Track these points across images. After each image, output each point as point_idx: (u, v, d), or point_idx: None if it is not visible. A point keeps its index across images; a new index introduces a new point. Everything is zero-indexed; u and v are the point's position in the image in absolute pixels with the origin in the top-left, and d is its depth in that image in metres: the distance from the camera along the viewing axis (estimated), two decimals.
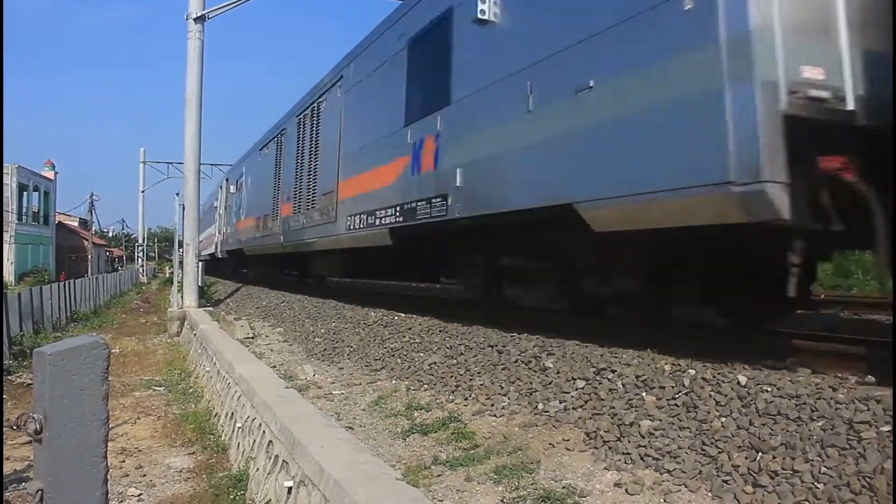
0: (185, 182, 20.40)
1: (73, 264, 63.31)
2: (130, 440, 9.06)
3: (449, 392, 6.43)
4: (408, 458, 4.86)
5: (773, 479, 3.56)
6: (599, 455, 4.39)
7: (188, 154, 19.95)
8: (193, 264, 19.99)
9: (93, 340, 3.54)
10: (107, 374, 3.59)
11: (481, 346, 7.28)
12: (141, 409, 10.89)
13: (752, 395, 4.33)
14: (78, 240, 69.78)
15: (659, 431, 4.37)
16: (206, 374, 11.54)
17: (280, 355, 10.21)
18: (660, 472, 3.98)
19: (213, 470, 7.53)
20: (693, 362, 5.20)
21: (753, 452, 3.81)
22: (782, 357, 5.25)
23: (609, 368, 5.49)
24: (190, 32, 19.34)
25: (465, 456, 4.70)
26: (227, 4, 19.85)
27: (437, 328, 8.87)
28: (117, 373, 13.65)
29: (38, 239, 56.35)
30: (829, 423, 3.81)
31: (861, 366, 4.83)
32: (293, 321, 13.39)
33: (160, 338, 19.97)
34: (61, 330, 20.97)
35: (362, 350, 9.12)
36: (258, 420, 6.74)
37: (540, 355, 6.34)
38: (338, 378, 7.98)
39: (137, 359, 16.18)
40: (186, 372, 13.75)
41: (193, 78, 19.48)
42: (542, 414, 5.25)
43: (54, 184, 61.41)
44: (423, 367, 7.39)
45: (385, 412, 6.23)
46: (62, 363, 3.40)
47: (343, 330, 10.72)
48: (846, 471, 3.40)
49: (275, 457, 5.81)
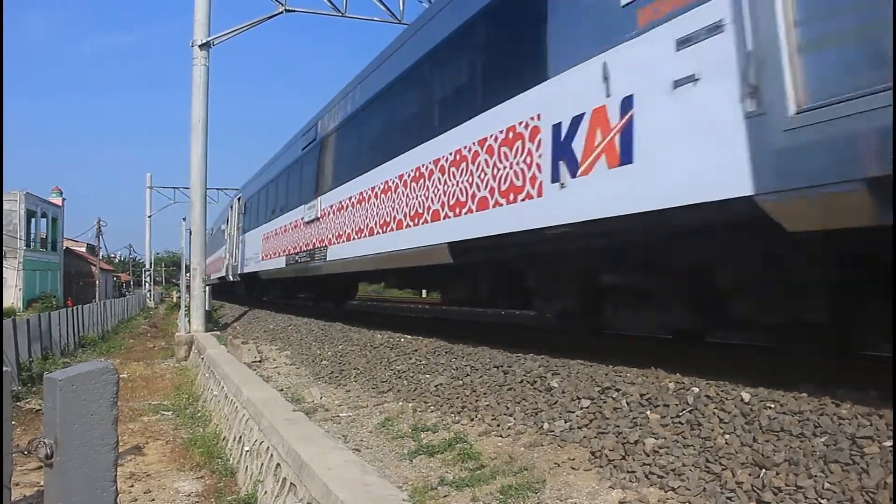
0: (192, 207, 20.57)
1: (81, 290, 63.56)
2: (139, 464, 9.07)
3: (455, 413, 6.45)
4: (414, 479, 4.89)
5: (776, 495, 3.57)
6: (604, 474, 4.40)
7: (194, 179, 20.12)
8: (200, 288, 20.09)
9: (102, 366, 3.61)
10: (116, 399, 3.66)
11: (487, 366, 7.31)
12: (149, 433, 10.91)
13: (756, 412, 4.36)
14: (85, 265, 70.11)
15: (663, 449, 4.39)
16: (214, 398, 11.57)
17: (287, 378, 10.24)
18: (664, 490, 4.00)
19: (221, 494, 7.54)
20: (697, 380, 5.22)
21: (757, 469, 3.83)
22: (786, 373, 5.27)
23: (613, 387, 5.52)
24: (195, 59, 19.58)
25: (471, 476, 4.73)
26: (231, 31, 20.11)
27: (443, 349, 8.90)
28: (126, 397, 13.68)
29: (46, 265, 56.62)
30: (832, 438, 3.83)
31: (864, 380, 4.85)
32: (300, 344, 13.43)
33: (168, 362, 20.01)
34: (70, 355, 21.02)
35: (369, 372, 9.15)
36: (266, 443, 6.77)
37: (545, 375, 6.37)
38: (345, 400, 8.01)
39: (145, 383, 16.21)
40: (194, 396, 13.77)
41: (199, 103, 19.67)
42: (547, 433, 5.27)
43: (62, 210, 61.81)
44: (429, 388, 7.42)
45: (392, 434, 6.26)
46: (72, 388, 3.46)
47: (350, 352, 10.76)
48: (849, 486, 3.42)
49: (282, 479, 5.83)
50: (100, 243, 71.27)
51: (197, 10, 19.57)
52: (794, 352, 6.04)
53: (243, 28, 20.20)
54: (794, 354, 6.02)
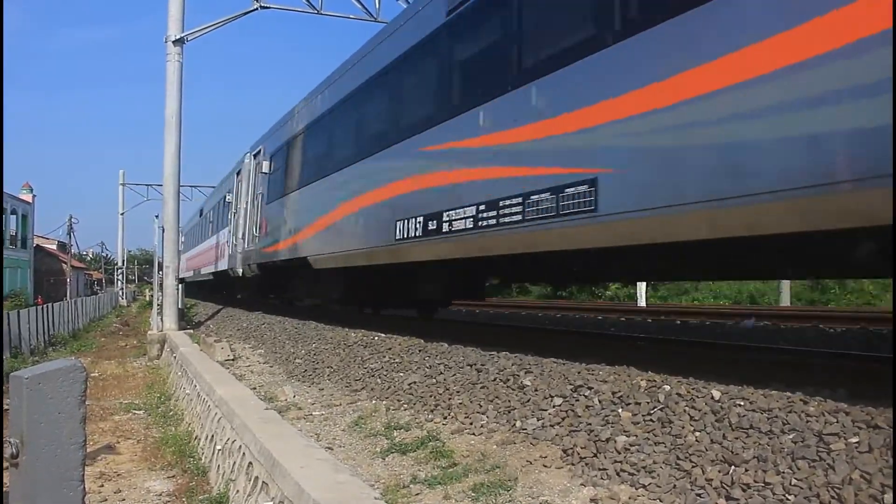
0: (165, 204, 20.36)
1: (52, 287, 62.72)
2: (110, 464, 8.97)
3: (428, 411, 6.45)
4: (387, 477, 4.88)
5: (745, 491, 3.62)
6: (576, 471, 4.43)
7: (167, 176, 19.91)
8: (173, 286, 19.91)
9: (70, 364, 3.56)
10: (84, 398, 3.61)
11: (460, 364, 7.32)
12: (120, 432, 10.79)
13: (726, 410, 4.40)
14: (56, 263, 69.22)
15: (634, 447, 4.42)
16: (187, 396, 11.47)
17: (260, 377, 10.18)
18: (635, 488, 4.03)
19: (193, 493, 7.48)
20: (668, 378, 5.26)
21: (726, 466, 3.87)
22: (758, 370, 5.33)
23: (586, 385, 5.55)
24: (169, 55, 19.38)
25: (443, 474, 4.73)
26: (205, 27, 19.95)
27: (417, 348, 8.90)
28: (96, 396, 13.52)
29: (15, 263, 55.71)
30: (799, 435, 3.89)
31: (832, 378, 4.92)
32: (273, 342, 13.35)
33: (140, 361, 19.79)
34: (40, 354, 20.74)
35: (342, 371, 9.13)
36: (238, 442, 6.73)
37: (518, 373, 6.39)
38: (318, 399, 7.98)
39: (117, 382, 16.03)
40: (166, 395, 13.64)
41: (173, 100, 19.49)
42: (519, 431, 5.29)
43: (32, 206, 60.92)
44: (402, 386, 7.42)
45: (365, 432, 6.25)
46: (39, 387, 3.41)
47: (323, 351, 10.72)
48: (816, 482, 3.47)
49: (254, 478, 5.80)
50: (71, 240, 70.52)
51: (171, 5, 19.37)
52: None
53: (218, 24, 20.04)
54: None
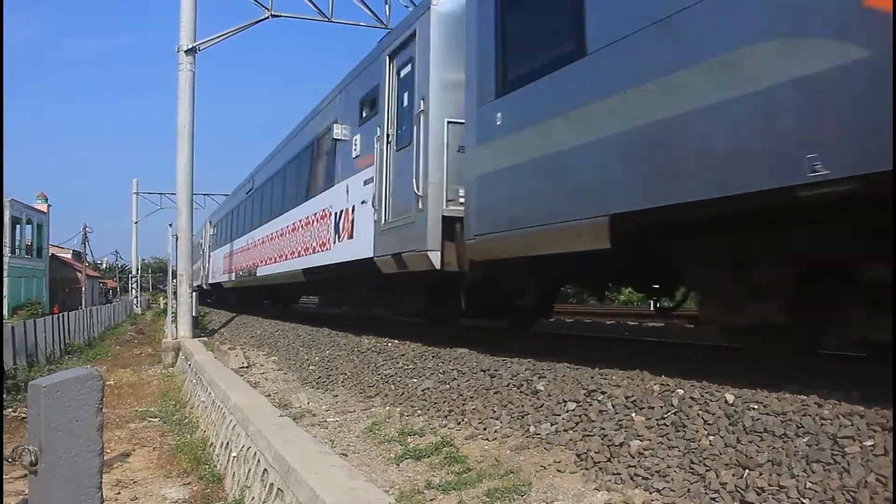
0: (178, 213, 20.50)
1: (67, 296, 63.16)
2: (126, 471, 9.03)
3: (442, 417, 6.47)
4: (401, 483, 4.90)
5: (759, 495, 3.61)
6: (590, 476, 4.43)
7: (181, 184, 20.05)
8: (187, 294, 20.02)
9: (87, 372, 3.60)
10: (101, 406, 3.65)
11: (473, 370, 7.32)
12: (136, 440, 10.86)
13: (740, 413, 4.39)
14: (71, 272, 69.71)
15: (648, 451, 4.42)
16: (201, 404, 11.53)
17: (275, 384, 10.22)
18: (649, 492, 4.02)
19: (208, 500, 7.52)
20: (682, 382, 5.25)
21: (740, 470, 3.86)
22: (771, 373, 5.31)
23: (599, 390, 5.54)
24: (181, 64, 19.53)
25: (457, 480, 4.74)
26: (216, 36, 20.08)
27: (430, 354, 8.91)
28: (112, 404, 13.61)
29: (31, 272, 56.23)
30: (814, 438, 3.87)
31: (845, 382, 4.90)
32: (287, 349, 13.40)
33: (155, 369, 19.91)
34: (55, 363, 20.91)
35: (356, 377, 9.15)
36: (253, 449, 6.76)
37: (531, 378, 6.39)
38: (332, 405, 8.01)
39: (132, 390, 16.13)
40: (181, 402, 13.71)
41: (185, 109, 19.63)
42: (533, 436, 5.29)
43: (47, 216, 61.40)
44: (416, 392, 7.43)
45: (379, 438, 6.26)
46: (57, 395, 3.45)
47: (337, 357, 10.75)
48: (831, 485, 3.46)
49: (270, 485, 5.83)
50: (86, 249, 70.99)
51: (183, 15, 19.52)
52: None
53: (229, 33, 20.19)
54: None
